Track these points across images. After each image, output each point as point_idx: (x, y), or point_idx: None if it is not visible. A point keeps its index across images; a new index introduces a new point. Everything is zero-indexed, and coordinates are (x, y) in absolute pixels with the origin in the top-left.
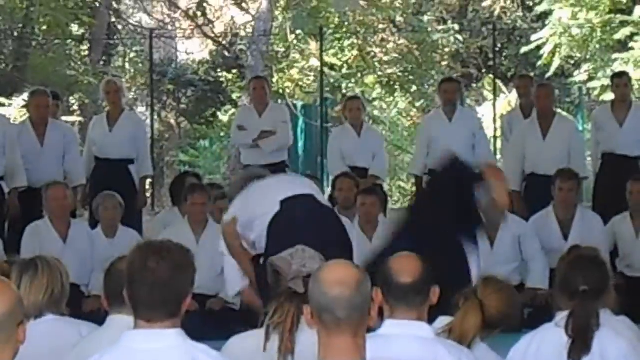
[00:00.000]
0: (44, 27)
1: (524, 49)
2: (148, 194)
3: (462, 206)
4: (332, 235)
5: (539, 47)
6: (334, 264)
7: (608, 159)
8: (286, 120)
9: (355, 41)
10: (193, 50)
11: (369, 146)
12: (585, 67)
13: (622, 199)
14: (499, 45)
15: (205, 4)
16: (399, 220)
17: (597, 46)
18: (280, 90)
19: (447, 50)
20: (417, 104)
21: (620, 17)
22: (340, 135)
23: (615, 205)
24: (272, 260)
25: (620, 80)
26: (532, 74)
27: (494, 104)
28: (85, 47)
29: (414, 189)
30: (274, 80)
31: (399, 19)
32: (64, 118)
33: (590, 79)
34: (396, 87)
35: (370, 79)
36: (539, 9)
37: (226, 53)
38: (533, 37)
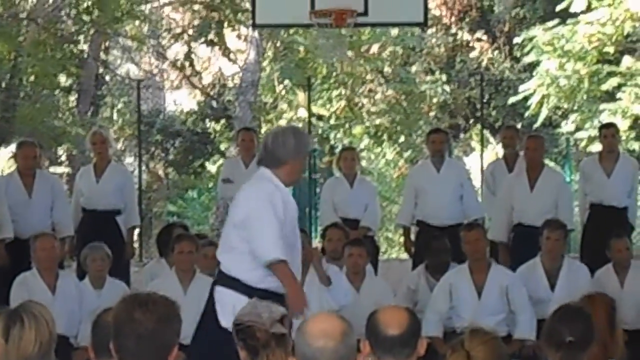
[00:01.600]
0: (32, 78)
1: (511, 100)
2: (136, 245)
3: None
4: None
5: (526, 98)
6: (318, 315)
7: (596, 209)
8: None
9: (343, 92)
10: (181, 100)
11: (361, 197)
12: (573, 117)
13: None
14: (487, 95)
15: (193, 55)
16: None
17: (585, 97)
18: None
19: (434, 100)
20: (405, 155)
21: (607, 68)
22: (332, 186)
23: (603, 256)
24: (238, 319)
25: (608, 130)
26: (519, 125)
27: (481, 155)
28: (73, 98)
29: (401, 239)
30: (262, 130)
31: (386, 69)
32: (52, 169)
33: (578, 129)
34: (384, 137)
35: (358, 130)
36: (527, 59)
37: (214, 104)
38: (521, 88)
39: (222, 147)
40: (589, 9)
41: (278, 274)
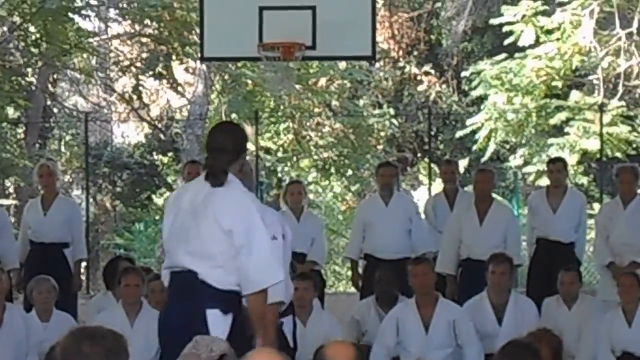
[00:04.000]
0: None
1: (459, 133)
2: (83, 278)
3: None
4: None
5: (474, 132)
6: (258, 350)
7: (542, 244)
8: None
9: (291, 125)
10: (129, 133)
11: (308, 231)
12: (521, 151)
13: (556, 285)
14: (435, 129)
15: (140, 88)
16: None
17: (533, 131)
18: None
19: (382, 134)
20: (353, 188)
21: (555, 102)
22: None
23: (548, 291)
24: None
25: (555, 165)
26: (467, 159)
27: (429, 188)
28: (20, 130)
29: (349, 273)
30: None
31: (334, 103)
32: None
33: (526, 163)
34: (332, 171)
35: (305, 163)
36: (475, 93)
37: (162, 136)
38: (468, 122)
39: (170, 179)
40: (537, 43)
41: None
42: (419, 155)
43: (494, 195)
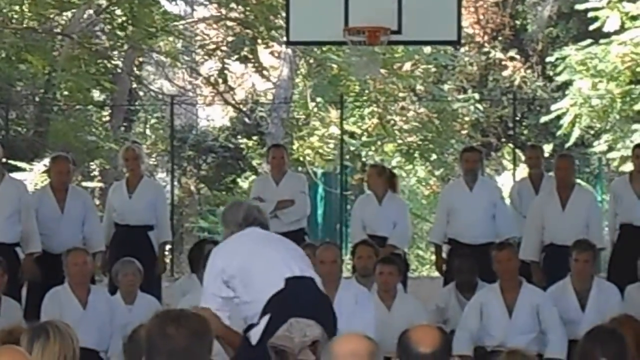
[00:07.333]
0: (66, 93)
1: (543, 119)
2: (167, 260)
3: None
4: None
5: (558, 117)
6: (346, 335)
7: (627, 230)
8: (304, 190)
9: (376, 109)
10: (214, 116)
11: (390, 215)
12: (605, 137)
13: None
14: (519, 114)
15: (226, 71)
16: None
17: (617, 117)
18: (300, 158)
19: (467, 119)
20: (437, 173)
21: None
22: (362, 204)
23: (630, 277)
24: (272, 342)
25: None
26: (551, 144)
27: (513, 174)
28: (106, 113)
29: (432, 257)
30: (294, 147)
31: (419, 87)
32: (84, 184)
33: (610, 149)
34: (416, 155)
35: (389, 147)
36: (559, 79)
37: (247, 120)
38: (553, 107)
39: (255, 163)
40: (622, 29)
41: None
42: (503, 140)
43: (577, 180)
